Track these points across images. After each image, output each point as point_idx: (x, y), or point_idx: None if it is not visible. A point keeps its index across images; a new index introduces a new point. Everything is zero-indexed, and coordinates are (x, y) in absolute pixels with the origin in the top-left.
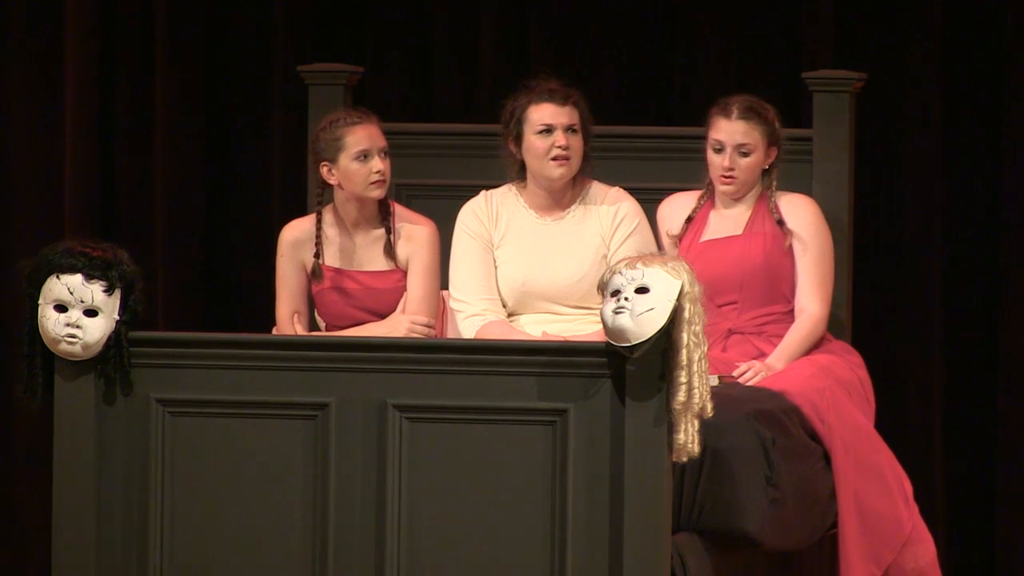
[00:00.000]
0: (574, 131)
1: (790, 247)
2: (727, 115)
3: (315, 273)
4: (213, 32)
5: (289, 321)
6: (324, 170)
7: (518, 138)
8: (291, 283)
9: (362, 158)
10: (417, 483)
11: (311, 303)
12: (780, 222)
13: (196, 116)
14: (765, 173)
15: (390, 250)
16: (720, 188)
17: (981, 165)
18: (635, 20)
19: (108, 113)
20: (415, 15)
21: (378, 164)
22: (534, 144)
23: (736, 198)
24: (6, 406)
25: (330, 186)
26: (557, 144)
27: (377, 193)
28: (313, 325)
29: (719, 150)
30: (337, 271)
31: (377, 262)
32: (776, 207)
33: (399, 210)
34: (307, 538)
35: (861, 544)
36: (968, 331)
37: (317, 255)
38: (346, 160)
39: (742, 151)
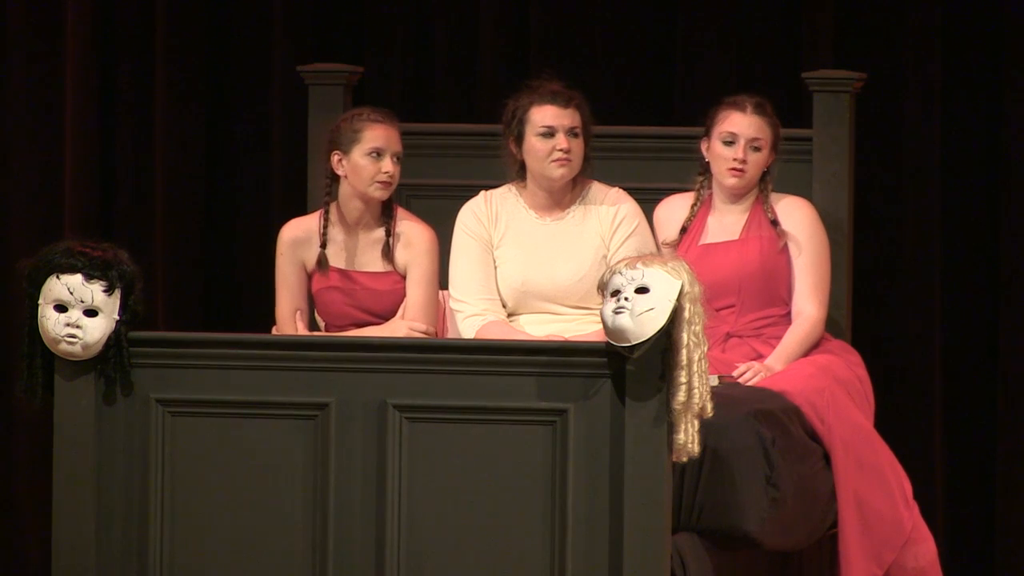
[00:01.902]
0: (575, 134)
1: (785, 247)
2: (741, 109)
3: (321, 264)
4: (213, 32)
5: (290, 319)
6: (335, 159)
7: (519, 138)
8: (291, 281)
9: (374, 155)
10: (417, 483)
11: (310, 302)
12: (774, 223)
13: (196, 116)
14: (761, 176)
15: (388, 252)
16: (727, 181)
17: (981, 165)
18: (635, 20)
19: (108, 113)
20: (415, 15)
21: (388, 165)
22: (535, 145)
23: (737, 194)
24: (6, 406)
25: (338, 179)
26: (559, 147)
27: (380, 194)
28: (312, 324)
29: (730, 143)
30: (337, 270)
31: (376, 263)
32: (772, 209)
33: (401, 213)
34: (307, 538)
35: (862, 544)
36: (968, 331)
37: (324, 245)
38: (358, 154)
39: (754, 146)
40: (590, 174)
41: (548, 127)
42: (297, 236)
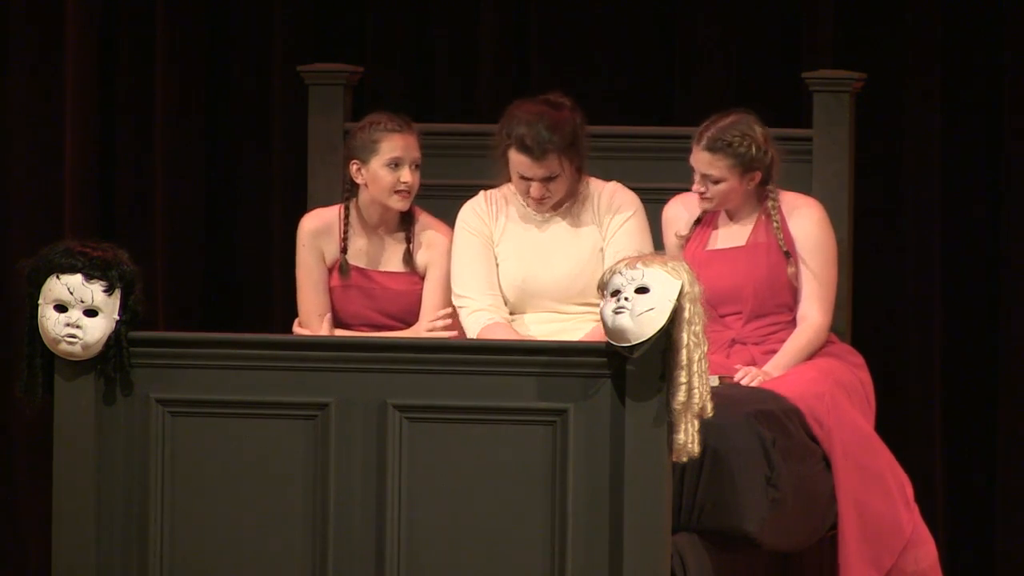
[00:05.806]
0: (551, 178)
1: (792, 249)
2: (697, 142)
3: (342, 269)
4: (213, 32)
5: (316, 319)
6: (353, 168)
7: (506, 163)
8: (314, 275)
9: (393, 166)
10: (417, 483)
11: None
12: (778, 229)
13: (196, 116)
14: (761, 185)
15: (409, 259)
16: (699, 204)
17: (981, 165)
18: (635, 20)
19: (108, 113)
20: (415, 15)
21: (407, 175)
22: (516, 182)
23: (721, 209)
24: (6, 406)
25: (357, 186)
26: (533, 195)
27: (400, 204)
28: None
29: (694, 171)
30: (356, 268)
31: (394, 263)
32: (779, 210)
33: (422, 217)
34: (307, 538)
35: (861, 548)
36: (968, 331)
37: (344, 250)
38: (377, 164)
39: (710, 180)
40: (586, 171)
41: (523, 176)
42: (318, 227)
